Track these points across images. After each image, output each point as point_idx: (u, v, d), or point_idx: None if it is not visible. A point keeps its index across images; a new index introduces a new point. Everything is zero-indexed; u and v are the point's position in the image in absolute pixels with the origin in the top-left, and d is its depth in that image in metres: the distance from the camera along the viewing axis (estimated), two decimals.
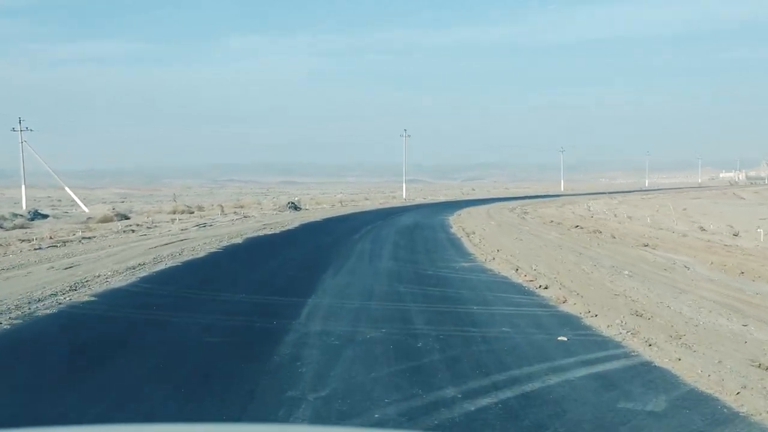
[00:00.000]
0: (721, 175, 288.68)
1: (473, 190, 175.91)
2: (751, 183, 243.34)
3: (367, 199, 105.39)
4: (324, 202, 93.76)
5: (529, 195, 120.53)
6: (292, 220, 48.61)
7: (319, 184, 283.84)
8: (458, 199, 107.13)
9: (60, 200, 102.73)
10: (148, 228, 42.87)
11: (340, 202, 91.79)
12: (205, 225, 44.57)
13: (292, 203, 73.52)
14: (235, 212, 66.73)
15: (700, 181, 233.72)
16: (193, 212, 67.12)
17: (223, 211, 63.55)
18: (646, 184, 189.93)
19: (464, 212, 58.78)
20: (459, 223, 42.77)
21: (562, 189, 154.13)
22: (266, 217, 55.57)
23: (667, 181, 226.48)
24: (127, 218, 55.58)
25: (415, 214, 58.54)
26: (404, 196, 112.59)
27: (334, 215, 56.53)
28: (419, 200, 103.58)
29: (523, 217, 50.97)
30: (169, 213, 64.90)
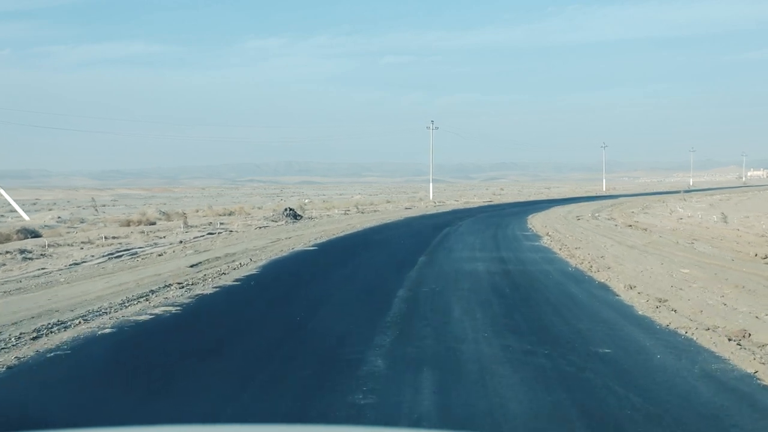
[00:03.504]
0: (749, 174, 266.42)
1: (502, 190, 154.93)
2: None
3: (388, 202, 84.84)
4: (337, 206, 73.27)
5: (575, 197, 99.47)
6: (264, 248, 28.21)
7: (337, 184, 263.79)
8: (496, 202, 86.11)
9: None
10: None
11: (356, 206, 71.11)
12: (75, 265, 24.22)
13: (291, 210, 52.87)
14: (210, 223, 46.75)
15: (744, 179, 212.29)
16: (154, 223, 47.18)
17: (186, 224, 42.59)
18: (691, 183, 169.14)
19: (548, 228, 37.91)
20: (597, 265, 22.19)
21: (605, 189, 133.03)
22: (239, 240, 35.14)
23: (705, 179, 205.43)
24: (38, 236, 35.68)
25: (473, 233, 37.76)
26: (431, 197, 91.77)
27: (343, 234, 35.61)
28: (450, 203, 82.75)
29: (656, 237, 30.05)
30: (123, 225, 45.38)
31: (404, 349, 10.30)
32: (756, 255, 22.19)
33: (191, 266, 21.09)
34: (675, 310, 12.84)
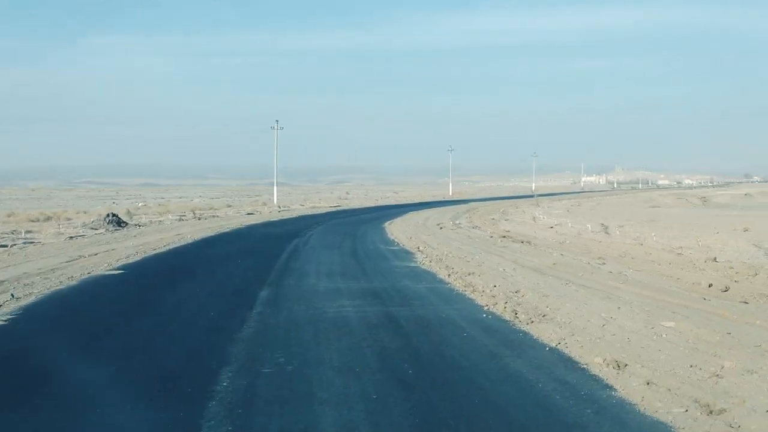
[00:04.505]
0: (582, 180, 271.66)
1: (348, 194, 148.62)
2: (617, 186, 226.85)
3: (229, 206, 76.90)
4: (173, 211, 64.94)
5: (424, 202, 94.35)
6: (54, 270, 20.57)
7: (179, 187, 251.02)
8: (345, 207, 79.60)
9: None
10: None
11: (193, 211, 62.97)
12: None
13: (115, 216, 44.53)
14: (14, 231, 38.52)
15: (582, 185, 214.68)
16: None
17: None
18: (534, 188, 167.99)
19: (414, 240, 31.39)
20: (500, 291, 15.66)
21: (451, 194, 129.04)
22: (31, 256, 27.08)
23: (544, 184, 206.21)
24: None
25: (328, 247, 30.95)
26: (275, 202, 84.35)
27: (166, 249, 27.97)
28: (296, 208, 75.69)
29: (557, 255, 23.92)
30: None
31: None
32: (711, 286, 16.34)
33: None
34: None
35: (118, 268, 21.09)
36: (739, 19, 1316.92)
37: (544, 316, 12.44)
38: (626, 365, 9.01)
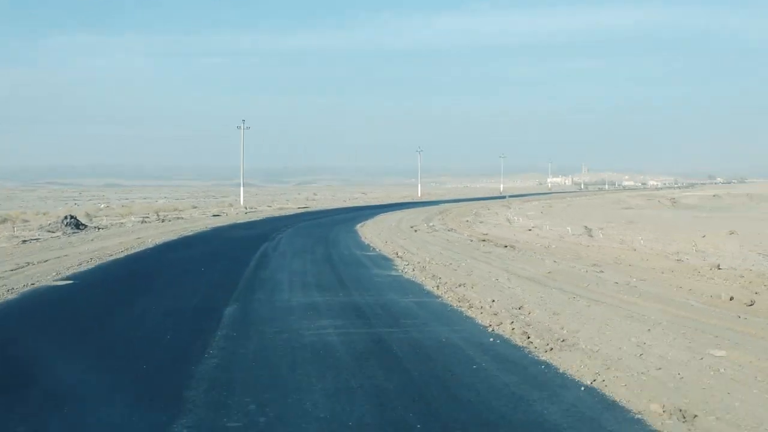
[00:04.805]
0: (548, 181, 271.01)
1: (315, 195, 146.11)
2: (584, 188, 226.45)
3: (194, 207, 74.33)
4: (136, 212, 62.37)
5: (394, 203, 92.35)
6: None
7: (145, 188, 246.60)
8: (313, 208, 77.40)
9: None
10: None
11: (157, 212, 60.39)
12: None
13: (73, 219, 41.94)
14: None
15: (550, 186, 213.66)
16: None
17: None
18: (502, 189, 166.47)
19: (390, 244, 29.35)
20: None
21: (420, 195, 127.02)
22: None
23: (511, 185, 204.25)
24: None
25: (299, 253, 28.88)
26: (242, 203, 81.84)
27: (124, 255, 25.67)
28: (263, 209, 73.26)
29: (549, 262, 21.91)
30: None
31: None
32: (732, 299, 14.47)
33: None
34: None
35: (66, 278, 18.80)
36: (709, 19, 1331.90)
37: (562, 340, 10.42)
38: (695, 416, 7.01)
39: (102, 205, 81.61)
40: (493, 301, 14.00)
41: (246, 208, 72.92)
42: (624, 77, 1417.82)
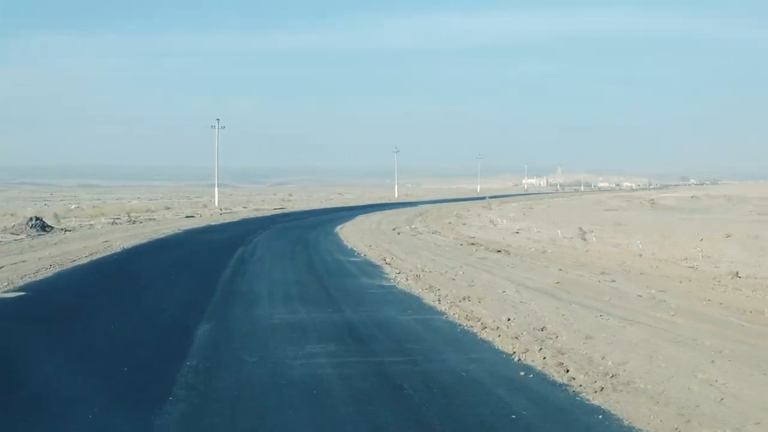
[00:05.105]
0: (524, 182, 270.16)
1: (291, 196, 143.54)
2: (560, 189, 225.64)
3: (167, 209, 71.85)
4: (107, 214, 59.98)
5: (370, 204, 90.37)
6: None
7: (120, 188, 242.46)
8: (289, 209, 75.26)
9: None
10: None
11: (128, 213, 57.99)
12: None
13: (39, 220, 39.59)
14: None
15: (526, 187, 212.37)
16: None
17: None
18: (478, 190, 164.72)
19: (376, 248, 27.24)
20: None
21: (396, 196, 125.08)
22: None
23: (486, 186, 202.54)
24: None
25: (278, 258, 26.83)
26: (217, 203, 79.46)
27: (87, 261, 23.36)
28: (238, 210, 70.98)
29: (554, 270, 19.88)
30: None
31: None
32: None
33: None
34: None
35: (18, 289, 16.59)
36: (670, 19, 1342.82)
37: (612, 376, 8.43)
38: None
39: (73, 206, 78.85)
40: (509, 319, 12.01)
41: (221, 209, 70.60)
42: (597, 79, 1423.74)
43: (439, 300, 14.35)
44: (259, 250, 26.69)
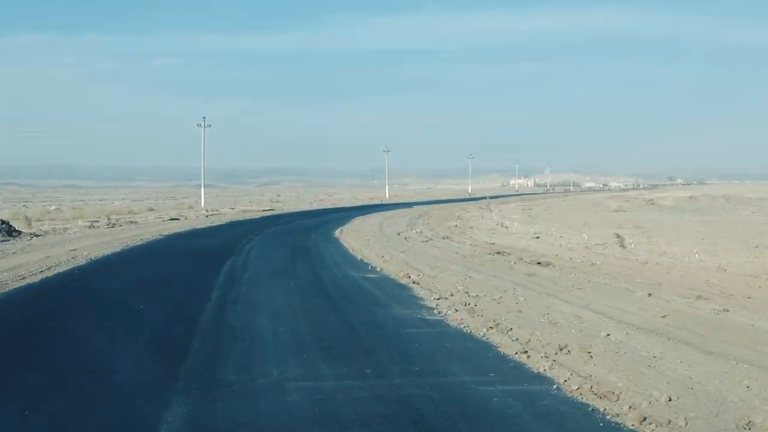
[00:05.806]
0: (514, 182, 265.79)
1: (279, 197, 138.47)
2: (551, 189, 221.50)
3: (151, 210, 66.99)
4: (86, 216, 55.30)
5: (364, 205, 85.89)
6: None
7: (104, 189, 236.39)
8: (279, 211, 70.56)
9: None
10: None
11: (108, 216, 53.11)
12: None
13: (5, 224, 34.90)
14: None
15: (516, 187, 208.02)
16: None
17: None
18: (470, 191, 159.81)
19: (393, 262, 22.36)
20: None
21: (387, 196, 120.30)
22: None
23: (476, 186, 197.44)
24: None
25: (276, 275, 22.00)
26: (203, 205, 74.55)
27: (39, 280, 18.31)
28: (226, 211, 66.22)
29: (639, 293, 15.10)
30: None
31: None
32: None
33: None
34: None
35: None
36: (660, 19, 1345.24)
37: None
38: None
39: (52, 208, 73.76)
40: (669, 399, 7.30)
41: (207, 211, 65.72)
42: (585, 79, 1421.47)
43: (526, 352, 9.61)
44: (253, 263, 21.90)
